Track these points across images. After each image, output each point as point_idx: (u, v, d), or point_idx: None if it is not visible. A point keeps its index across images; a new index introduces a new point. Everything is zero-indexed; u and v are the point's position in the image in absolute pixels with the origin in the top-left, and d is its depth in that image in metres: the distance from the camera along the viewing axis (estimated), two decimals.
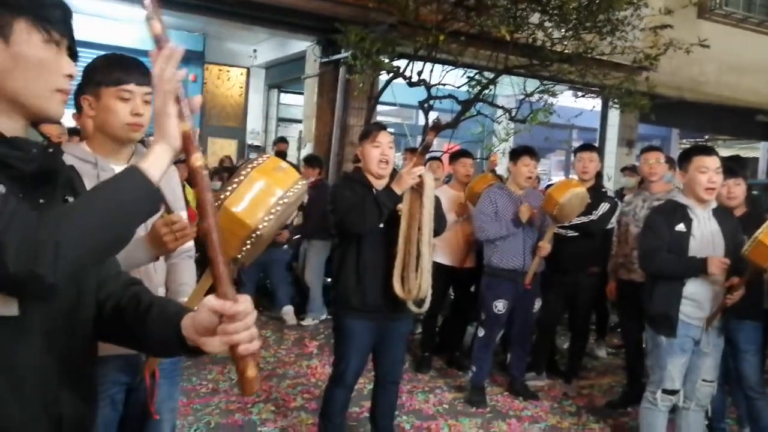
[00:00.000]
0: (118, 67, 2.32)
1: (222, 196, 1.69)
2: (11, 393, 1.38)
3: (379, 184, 3.89)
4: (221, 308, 1.34)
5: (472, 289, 6.36)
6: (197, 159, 1.37)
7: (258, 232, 1.68)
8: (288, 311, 7.68)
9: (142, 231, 2.40)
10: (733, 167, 4.50)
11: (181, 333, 1.45)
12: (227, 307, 1.34)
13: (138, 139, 2.48)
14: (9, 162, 1.36)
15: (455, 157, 6.52)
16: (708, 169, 3.89)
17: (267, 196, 1.71)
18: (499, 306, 5.32)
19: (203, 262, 2.18)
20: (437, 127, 4.01)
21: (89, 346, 1.60)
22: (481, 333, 5.46)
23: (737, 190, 4.45)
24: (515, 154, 5.47)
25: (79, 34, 1.48)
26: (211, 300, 1.37)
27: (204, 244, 1.35)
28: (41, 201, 1.42)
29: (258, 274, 7.75)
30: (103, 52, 2.56)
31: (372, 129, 4.00)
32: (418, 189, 3.72)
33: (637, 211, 5.34)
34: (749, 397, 4.40)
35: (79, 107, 2.43)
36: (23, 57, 1.39)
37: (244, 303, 1.35)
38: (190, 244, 2.67)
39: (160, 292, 2.60)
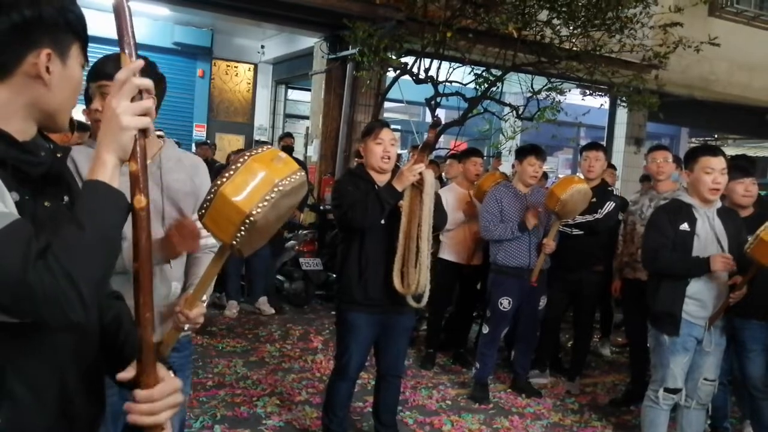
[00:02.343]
0: (112, 63, 2.33)
1: (218, 182, 1.70)
2: (33, 399, 1.38)
3: (381, 180, 3.93)
4: (135, 392, 1.43)
5: (478, 286, 6.35)
6: (140, 201, 1.37)
7: (251, 218, 1.68)
8: (263, 302, 7.90)
9: (160, 233, 2.43)
10: (747, 167, 4.50)
11: None
12: (139, 395, 1.43)
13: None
14: (19, 166, 1.38)
15: (465, 155, 6.52)
16: (713, 170, 3.88)
17: (262, 183, 1.72)
18: (505, 303, 5.33)
19: None
20: (436, 125, 4.06)
21: (97, 347, 1.61)
22: (485, 330, 5.47)
23: (754, 189, 4.46)
24: (521, 153, 5.49)
25: (90, 29, 1.52)
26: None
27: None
28: (46, 204, 1.44)
29: (241, 266, 7.87)
30: (112, 47, 2.58)
31: (375, 126, 4.06)
32: (418, 186, 3.77)
33: (643, 210, 5.33)
34: (753, 396, 4.39)
35: (88, 103, 2.47)
36: (71, 77, 1.45)
37: (158, 391, 1.43)
38: (213, 240, 2.69)
39: (174, 285, 2.63)
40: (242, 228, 1.70)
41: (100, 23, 4.53)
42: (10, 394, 1.35)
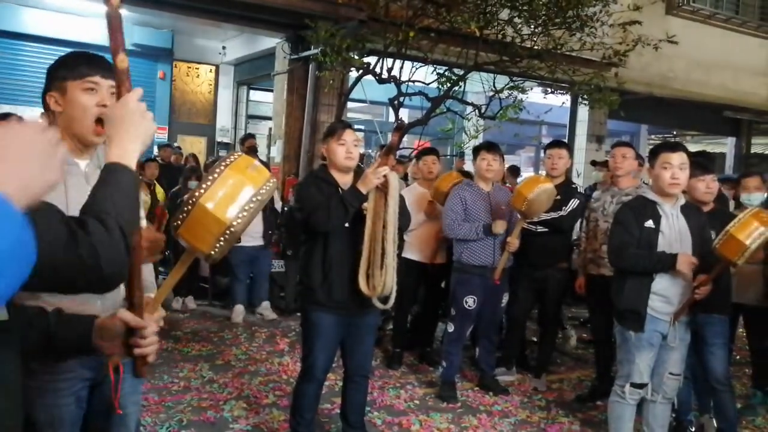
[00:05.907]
0: (83, 62, 2.33)
1: (197, 194, 1.72)
2: (6, 402, 1.36)
3: (344, 181, 3.92)
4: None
5: (443, 284, 6.36)
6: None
7: (232, 229, 1.73)
8: (266, 306, 7.87)
9: None
10: (706, 164, 4.59)
11: None
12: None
13: (101, 143, 2.45)
14: None
15: (420, 155, 6.57)
16: (672, 165, 3.91)
17: (241, 193, 1.76)
18: (470, 302, 5.34)
19: (176, 258, 2.20)
20: (400, 128, 4.07)
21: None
22: (450, 328, 5.48)
23: (714, 185, 4.55)
24: (475, 152, 5.56)
25: (44, 30, 1.49)
26: None
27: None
28: None
29: (250, 271, 7.87)
30: (68, 49, 2.56)
31: (337, 127, 4.05)
32: (382, 188, 3.78)
33: (606, 207, 5.37)
34: (715, 389, 4.45)
35: (46, 106, 2.41)
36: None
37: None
38: None
39: (121, 288, 2.60)
40: (222, 238, 1.72)
41: (54, 24, 4.46)
42: None
